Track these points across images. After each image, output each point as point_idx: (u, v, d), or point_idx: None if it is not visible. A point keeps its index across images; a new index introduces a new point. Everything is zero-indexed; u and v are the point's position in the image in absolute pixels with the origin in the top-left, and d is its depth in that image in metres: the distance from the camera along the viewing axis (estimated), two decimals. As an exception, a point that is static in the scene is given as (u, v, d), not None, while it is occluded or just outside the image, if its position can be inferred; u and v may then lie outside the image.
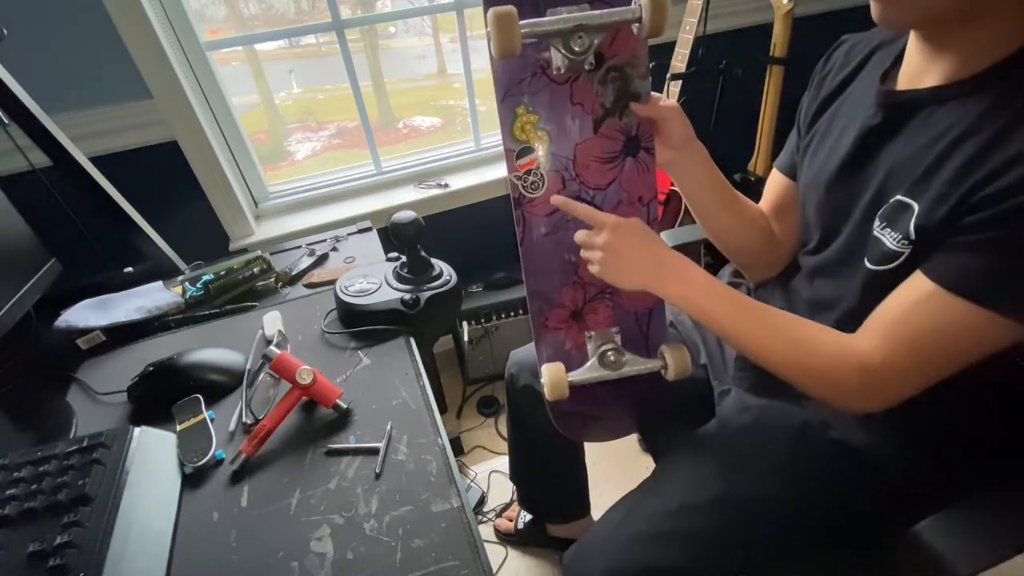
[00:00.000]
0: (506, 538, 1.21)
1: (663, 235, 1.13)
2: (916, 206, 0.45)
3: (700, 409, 0.73)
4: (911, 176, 0.46)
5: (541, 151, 0.57)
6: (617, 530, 0.62)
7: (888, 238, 0.48)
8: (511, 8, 0.47)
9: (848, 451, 0.59)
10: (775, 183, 0.71)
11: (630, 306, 0.64)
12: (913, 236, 0.45)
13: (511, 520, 1.20)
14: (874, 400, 0.49)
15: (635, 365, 0.62)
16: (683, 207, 1.40)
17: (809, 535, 0.60)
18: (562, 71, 0.54)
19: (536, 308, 0.63)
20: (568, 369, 0.61)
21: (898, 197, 0.47)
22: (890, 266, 0.48)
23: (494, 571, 1.03)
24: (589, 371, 0.62)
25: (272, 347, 0.58)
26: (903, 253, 0.47)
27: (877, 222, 0.49)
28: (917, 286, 0.45)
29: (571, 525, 1.10)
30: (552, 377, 0.60)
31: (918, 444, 0.57)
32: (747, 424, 0.64)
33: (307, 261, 0.89)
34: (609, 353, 0.62)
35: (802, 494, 0.58)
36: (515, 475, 1.11)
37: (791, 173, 0.67)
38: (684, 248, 1.13)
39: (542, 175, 0.58)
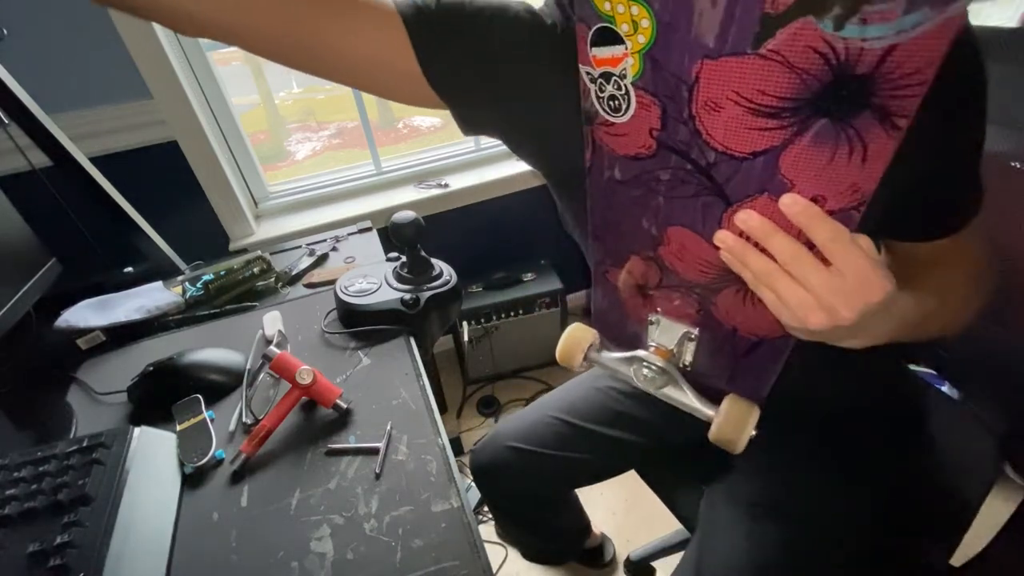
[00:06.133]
0: (508, 537, 1.21)
1: None
2: None
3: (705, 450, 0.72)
4: None
5: (633, 48, 0.31)
6: None
7: None
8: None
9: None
10: None
11: (727, 321, 0.41)
12: None
13: None
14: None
15: (677, 396, 0.44)
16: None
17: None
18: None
19: (597, 258, 0.46)
20: (612, 340, 0.47)
21: None
22: None
23: (494, 571, 1.03)
24: (615, 364, 0.47)
25: (272, 347, 0.58)
26: None
27: None
28: None
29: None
30: (569, 342, 0.47)
31: None
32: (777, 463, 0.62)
33: (307, 261, 0.89)
34: (646, 370, 0.44)
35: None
36: (513, 541, 1.12)
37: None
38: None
39: (627, 92, 0.33)
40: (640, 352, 0.44)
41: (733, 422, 0.40)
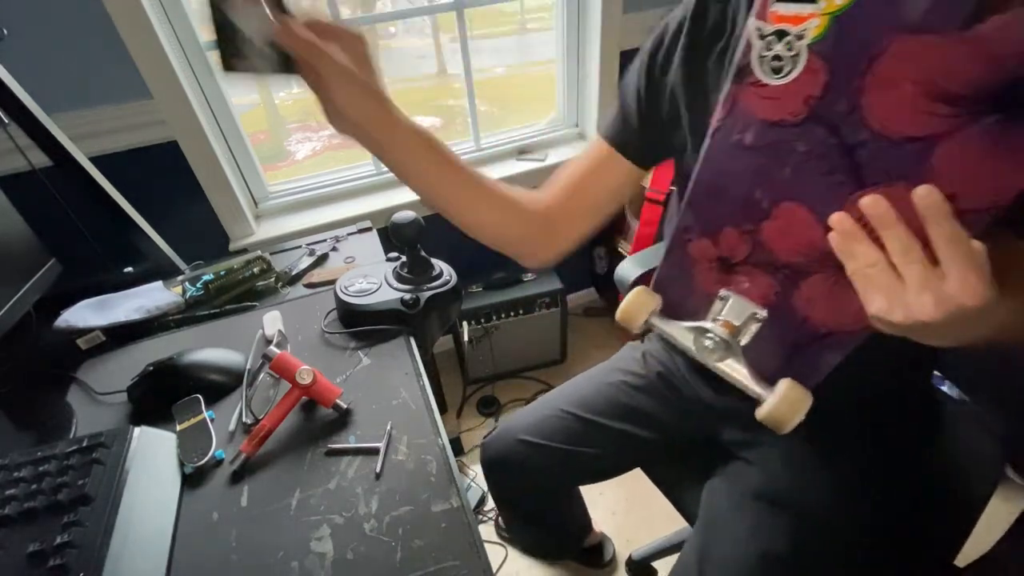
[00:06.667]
0: (508, 537, 1.21)
1: (631, 260, 1.06)
2: None
3: (709, 448, 0.72)
4: None
5: (825, 9, 0.31)
6: None
7: None
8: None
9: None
10: (594, 157, 0.61)
11: (803, 308, 0.41)
12: None
13: None
14: None
15: (733, 371, 0.44)
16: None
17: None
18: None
19: (683, 224, 0.45)
20: (667, 310, 0.47)
21: None
22: None
23: (494, 571, 1.03)
24: (677, 331, 0.46)
25: (272, 347, 0.58)
26: None
27: None
28: None
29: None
30: (634, 303, 0.46)
31: None
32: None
33: (307, 261, 0.89)
34: (708, 341, 0.44)
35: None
36: (513, 535, 1.13)
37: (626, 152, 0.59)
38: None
39: (799, 56, 0.32)
40: (707, 323, 0.44)
41: (789, 403, 0.40)
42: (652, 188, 1.38)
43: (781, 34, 0.33)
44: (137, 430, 0.53)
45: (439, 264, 0.74)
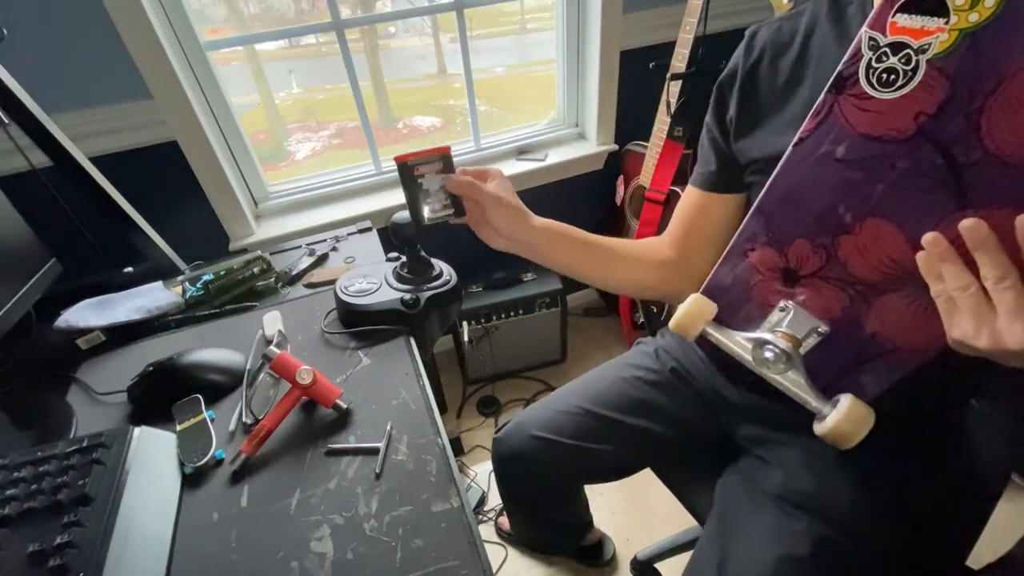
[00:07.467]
0: (508, 537, 1.21)
1: None
2: None
3: (722, 449, 0.72)
4: None
5: (956, 25, 0.29)
6: None
7: None
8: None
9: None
10: (694, 204, 0.67)
11: (872, 325, 0.40)
12: None
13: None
14: None
15: (792, 384, 0.43)
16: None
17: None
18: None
19: (749, 230, 0.43)
20: (723, 318, 0.45)
21: None
22: None
23: (494, 571, 1.03)
24: (732, 341, 0.45)
25: (272, 347, 0.58)
26: None
27: None
28: None
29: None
30: (691, 312, 0.45)
31: None
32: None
33: (307, 261, 0.89)
34: (769, 352, 0.43)
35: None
36: (515, 527, 1.13)
37: (717, 189, 0.65)
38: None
39: (917, 70, 0.31)
40: (767, 335, 0.43)
41: (854, 421, 0.39)
42: (652, 188, 1.38)
43: (899, 46, 0.31)
44: (137, 430, 0.53)
45: (439, 264, 0.73)
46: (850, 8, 0.50)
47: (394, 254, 0.82)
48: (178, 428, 0.57)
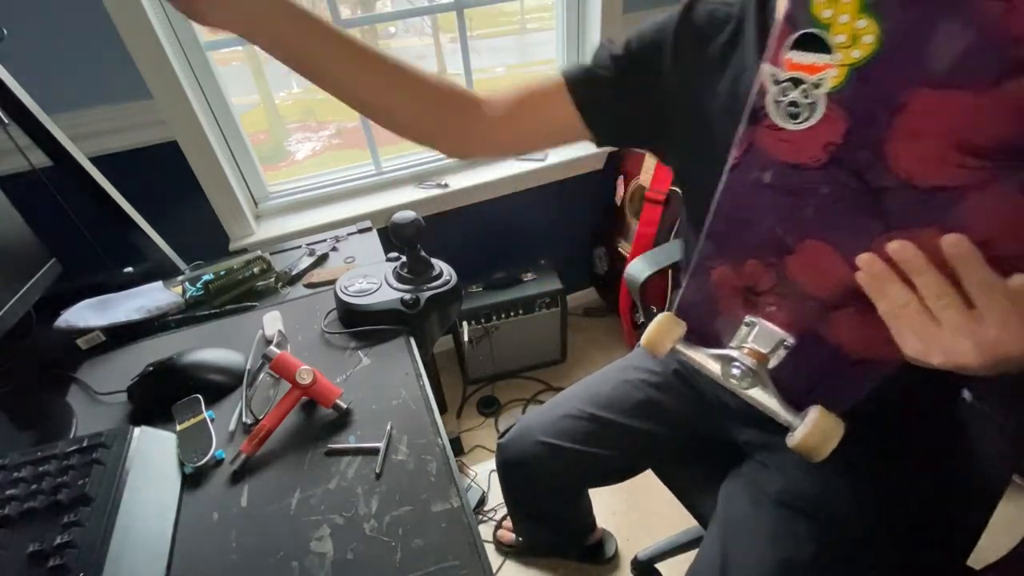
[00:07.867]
0: (508, 550, 1.20)
1: (641, 259, 1.06)
2: None
3: (725, 452, 0.72)
4: None
5: (842, 61, 0.30)
6: None
7: None
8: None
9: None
10: (547, 90, 0.59)
11: (835, 338, 0.40)
12: None
13: (512, 531, 1.19)
14: None
15: (761, 399, 0.43)
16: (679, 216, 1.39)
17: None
18: None
19: (706, 251, 0.43)
20: (691, 333, 0.46)
21: None
22: None
23: (494, 571, 1.03)
24: (703, 358, 0.45)
25: (272, 347, 0.58)
26: None
27: None
28: None
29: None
30: (660, 331, 0.45)
31: None
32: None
33: (307, 261, 0.89)
34: (736, 369, 0.43)
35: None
36: (516, 529, 1.12)
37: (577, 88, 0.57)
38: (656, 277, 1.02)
39: (816, 104, 0.32)
40: (733, 352, 0.43)
41: (822, 433, 0.39)
42: (652, 188, 1.38)
43: (797, 81, 0.32)
44: (137, 430, 0.53)
45: (439, 264, 0.73)
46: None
47: (394, 254, 0.81)
48: (178, 428, 0.57)
